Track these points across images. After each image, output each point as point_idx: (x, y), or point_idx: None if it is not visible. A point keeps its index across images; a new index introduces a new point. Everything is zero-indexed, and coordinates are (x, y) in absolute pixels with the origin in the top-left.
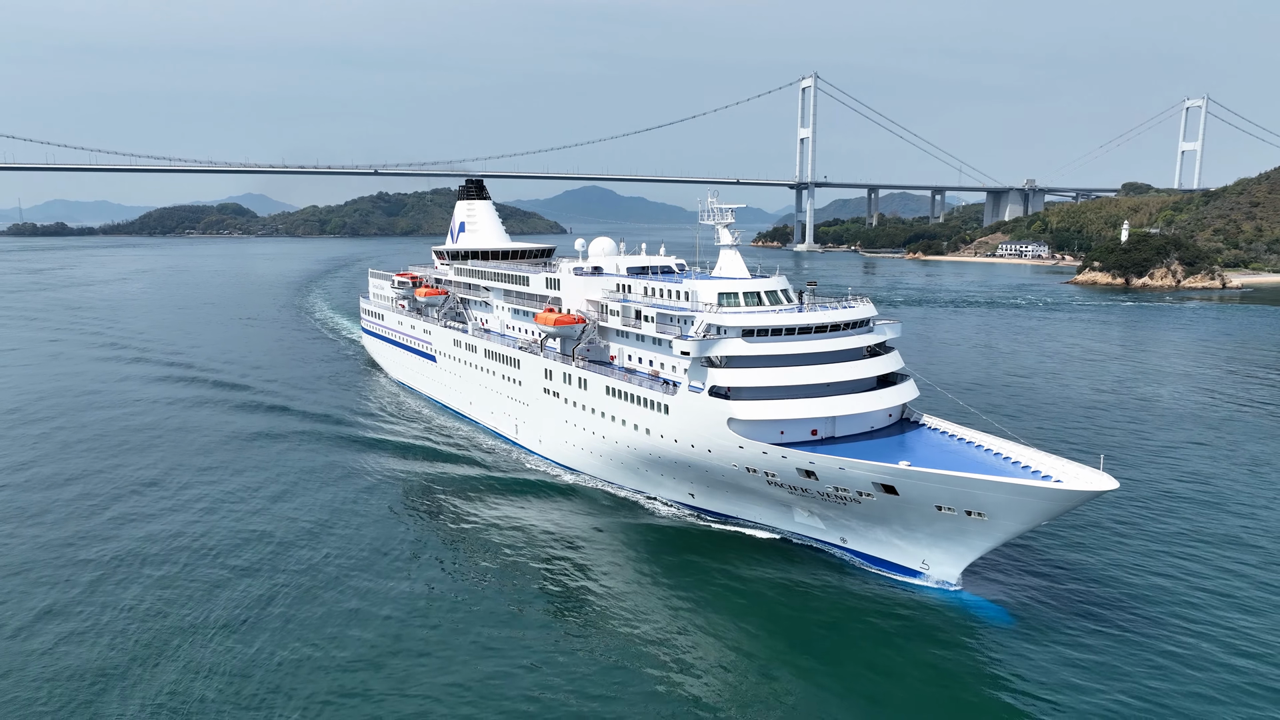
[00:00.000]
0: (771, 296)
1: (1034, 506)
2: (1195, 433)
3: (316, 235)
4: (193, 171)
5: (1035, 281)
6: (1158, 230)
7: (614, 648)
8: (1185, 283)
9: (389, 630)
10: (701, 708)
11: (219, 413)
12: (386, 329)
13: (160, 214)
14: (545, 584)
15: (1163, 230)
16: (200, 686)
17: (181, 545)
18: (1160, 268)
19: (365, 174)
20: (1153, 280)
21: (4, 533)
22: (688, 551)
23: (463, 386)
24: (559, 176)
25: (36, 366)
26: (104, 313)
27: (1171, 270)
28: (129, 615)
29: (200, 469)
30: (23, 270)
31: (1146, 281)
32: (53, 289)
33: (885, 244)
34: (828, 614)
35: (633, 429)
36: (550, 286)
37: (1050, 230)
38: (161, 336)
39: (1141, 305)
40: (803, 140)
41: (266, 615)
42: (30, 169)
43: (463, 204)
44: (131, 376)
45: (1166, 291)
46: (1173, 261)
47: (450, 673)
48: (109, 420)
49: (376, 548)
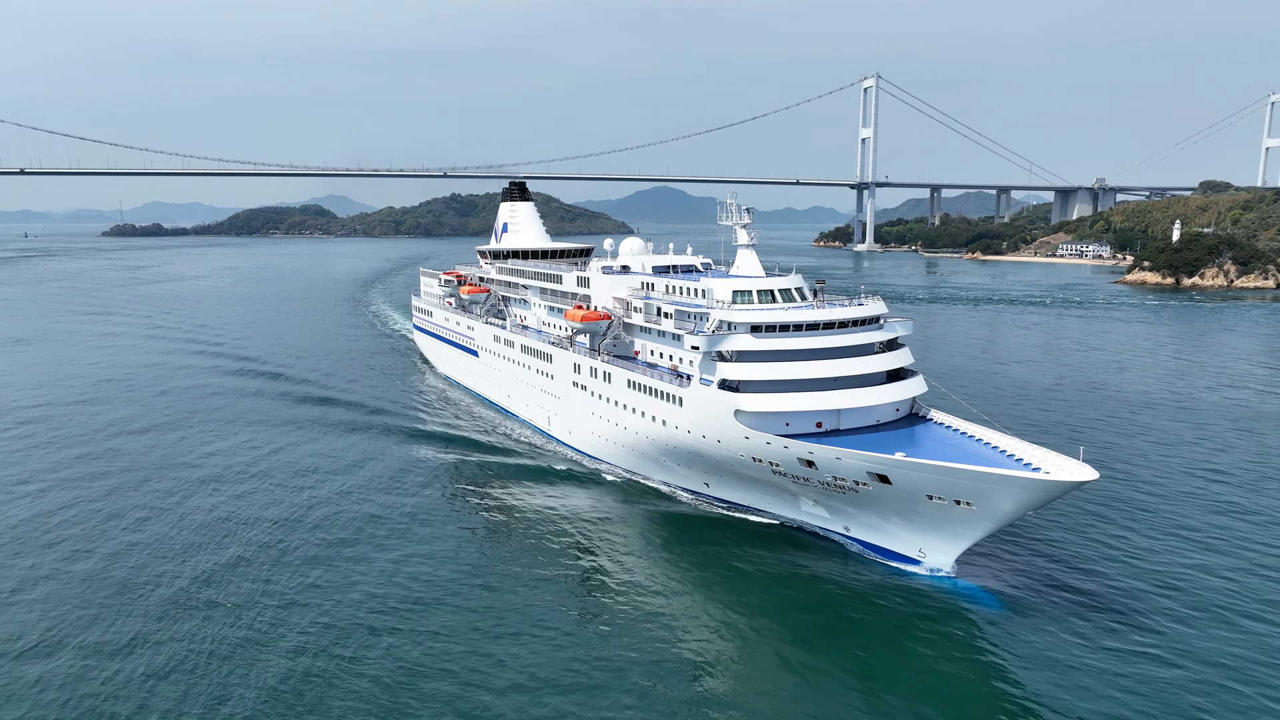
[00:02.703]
0: (785, 294)
1: (1017, 496)
2: (1193, 428)
3: (392, 235)
4: (274, 175)
5: (1084, 281)
6: (1210, 230)
7: (625, 624)
8: (1238, 282)
9: (435, 593)
10: (703, 683)
11: (283, 404)
12: (434, 325)
13: (247, 215)
14: (567, 563)
15: (1223, 229)
16: (246, 632)
17: (256, 518)
18: (1211, 267)
19: (436, 176)
20: (1203, 280)
21: (119, 468)
22: (701, 538)
23: (502, 380)
24: (617, 178)
25: (127, 351)
26: (191, 305)
27: (1224, 270)
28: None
29: (264, 449)
30: (123, 267)
31: (1196, 281)
32: (150, 283)
33: (947, 244)
34: (830, 598)
35: (650, 420)
36: (580, 284)
37: (1113, 230)
38: (239, 331)
39: (1176, 304)
40: (864, 140)
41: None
42: (130, 174)
43: (506, 205)
44: (200, 367)
45: (1217, 291)
46: (1225, 261)
47: (475, 638)
48: (190, 398)
49: (420, 522)
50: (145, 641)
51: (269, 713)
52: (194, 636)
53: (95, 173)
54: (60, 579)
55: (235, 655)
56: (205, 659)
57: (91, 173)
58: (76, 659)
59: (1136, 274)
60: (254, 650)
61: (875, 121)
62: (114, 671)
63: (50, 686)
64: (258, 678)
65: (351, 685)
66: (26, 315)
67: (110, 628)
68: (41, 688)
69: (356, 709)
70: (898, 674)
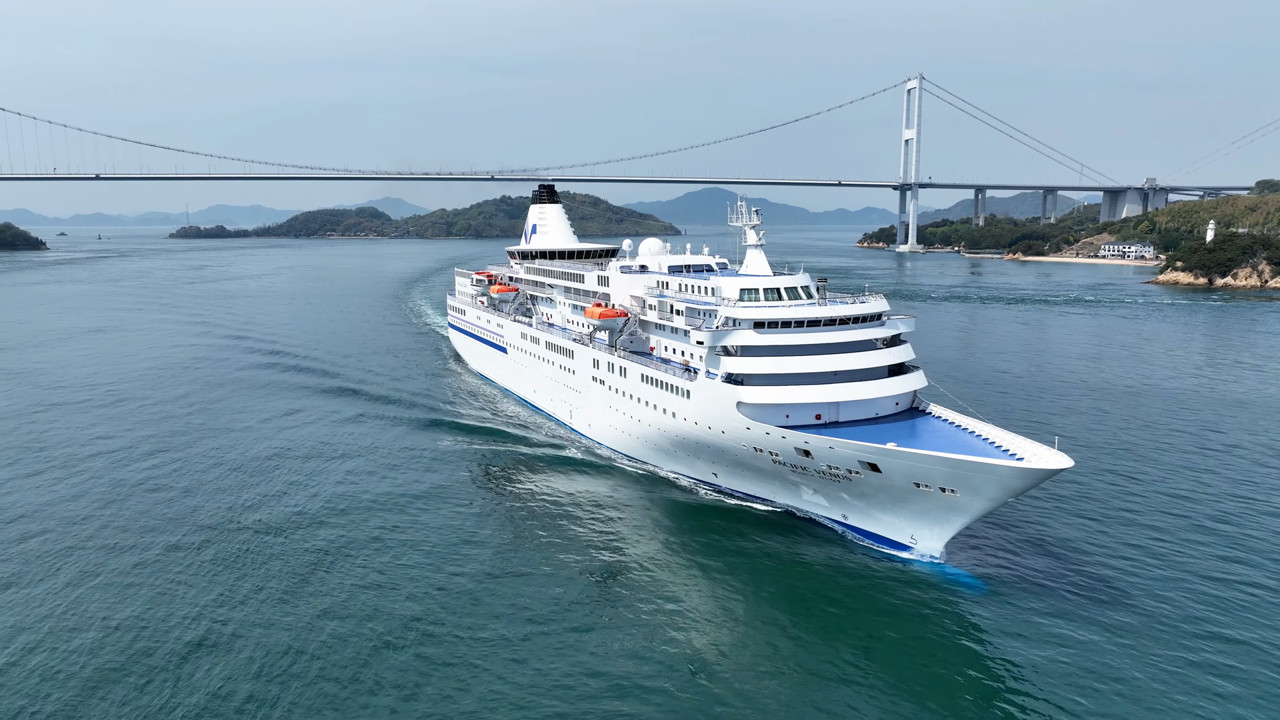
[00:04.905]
0: (791, 292)
1: (996, 483)
2: (1171, 418)
3: (443, 237)
4: (331, 179)
5: (1116, 281)
6: (1246, 230)
7: (631, 605)
8: (1272, 283)
9: (455, 568)
10: (702, 659)
11: (324, 398)
12: (467, 323)
13: (305, 217)
14: (580, 547)
15: (1271, 230)
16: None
17: (290, 507)
18: (1245, 268)
19: (483, 179)
20: (1235, 280)
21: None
22: (708, 526)
23: (528, 376)
24: (661, 180)
25: (189, 340)
26: (250, 302)
27: (1257, 270)
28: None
29: (307, 439)
30: (189, 266)
31: (1229, 282)
32: (212, 281)
33: (990, 245)
34: (827, 583)
35: (661, 413)
36: (601, 283)
37: (1158, 230)
38: (292, 328)
39: (1188, 302)
40: (907, 141)
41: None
42: (195, 179)
43: (535, 208)
44: (251, 363)
45: (1250, 292)
46: (1260, 261)
47: (498, 617)
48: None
49: (450, 503)
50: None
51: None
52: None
53: (164, 178)
54: (165, 510)
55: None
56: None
57: (160, 178)
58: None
59: (1169, 274)
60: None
61: (919, 123)
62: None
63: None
64: (289, 639)
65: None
66: (104, 309)
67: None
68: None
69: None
70: (887, 653)
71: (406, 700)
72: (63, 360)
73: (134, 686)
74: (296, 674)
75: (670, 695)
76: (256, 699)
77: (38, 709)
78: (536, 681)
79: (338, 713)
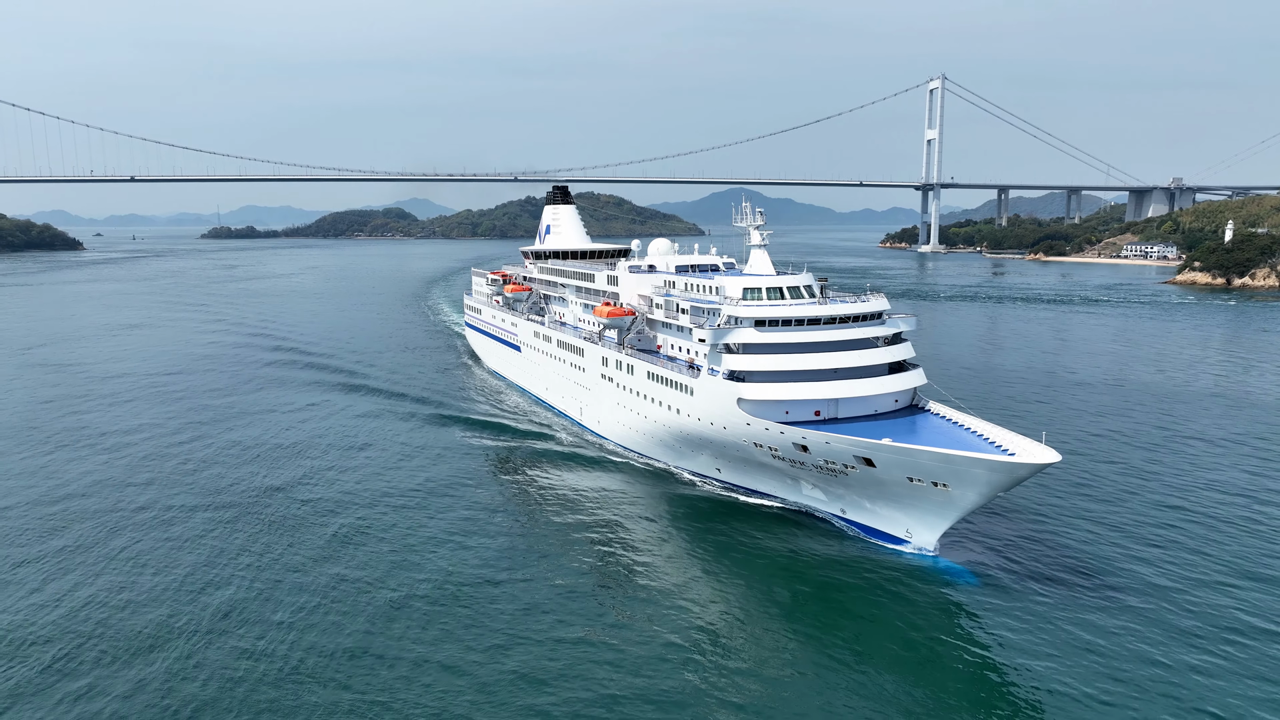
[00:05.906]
0: (793, 291)
1: (985, 477)
2: (1162, 414)
3: (468, 237)
4: (358, 180)
5: (1134, 281)
6: (1267, 230)
7: (635, 595)
8: None
9: (469, 558)
10: (702, 648)
11: (342, 394)
12: (482, 322)
13: (333, 218)
14: (587, 540)
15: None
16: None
17: (315, 497)
18: (1263, 268)
19: (506, 180)
20: (1253, 280)
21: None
22: (711, 520)
23: (541, 373)
24: (682, 181)
25: (219, 335)
26: (281, 300)
27: (1276, 270)
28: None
29: (328, 430)
30: (221, 266)
31: (1247, 282)
32: (242, 280)
33: (1013, 245)
34: (824, 575)
35: (667, 409)
36: (610, 283)
37: (1182, 230)
38: (318, 326)
39: (1196, 302)
40: (929, 141)
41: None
42: (225, 180)
43: (549, 208)
44: (280, 360)
45: (1268, 291)
46: (1278, 261)
47: (511, 602)
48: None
49: (464, 497)
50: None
51: (330, 664)
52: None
53: (196, 179)
54: (197, 482)
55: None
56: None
57: (192, 179)
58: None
59: (1187, 274)
60: (299, 576)
61: (940, 123)
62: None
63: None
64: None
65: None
66: (139, 306)
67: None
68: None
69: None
70: (882, 643)
71: (408, 680)
72: (104, 354)
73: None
74: (310, 640)
75: (671, 681)
76: (280, 656)
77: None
78: (542, 667)
79: (346, 691)
